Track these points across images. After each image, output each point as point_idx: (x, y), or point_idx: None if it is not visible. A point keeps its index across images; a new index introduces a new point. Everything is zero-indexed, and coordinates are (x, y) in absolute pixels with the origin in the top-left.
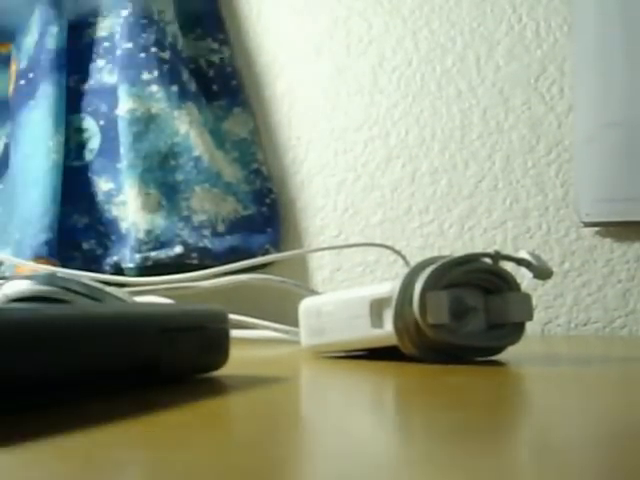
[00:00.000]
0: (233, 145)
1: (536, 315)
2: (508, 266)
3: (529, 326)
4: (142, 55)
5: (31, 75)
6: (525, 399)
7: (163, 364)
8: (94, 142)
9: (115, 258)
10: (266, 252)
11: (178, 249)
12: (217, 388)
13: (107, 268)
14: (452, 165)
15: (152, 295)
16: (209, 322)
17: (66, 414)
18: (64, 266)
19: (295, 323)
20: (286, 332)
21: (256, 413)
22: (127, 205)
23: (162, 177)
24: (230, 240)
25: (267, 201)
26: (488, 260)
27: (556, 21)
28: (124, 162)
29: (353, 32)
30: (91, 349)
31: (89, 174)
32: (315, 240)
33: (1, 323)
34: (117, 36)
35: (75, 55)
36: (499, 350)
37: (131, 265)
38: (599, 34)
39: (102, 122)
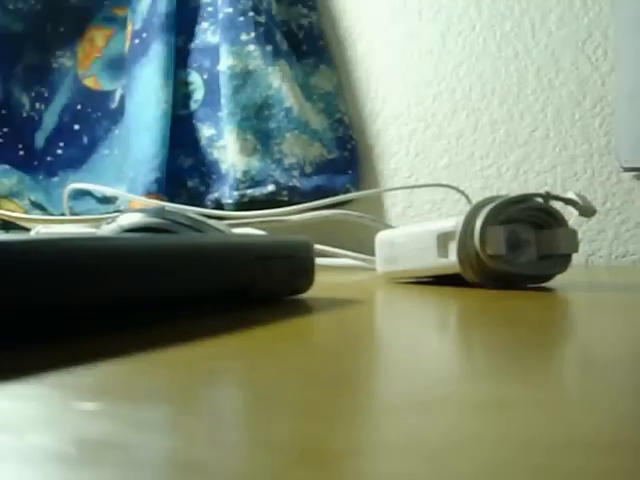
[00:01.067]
0: (320, 97)
1: (581, 248)
2: (557, 205)
3: (575, 257)
4: (241, 18)
5: (145, 35)
6: (571, 320)
7: (258, 287)
8: (199, 94)
9: (216, 195)
10: (347, 191)
11: (271, 187)
12: (304, 308)
13: (209, 203)
14: (509, 116)
15: (248, 227)
16: (297, 251)
17: (169, 331)
18: (171, 201)
19: (371, 253)
20: (363, 260)
21: (337, 329)
22: (227, 149)
23: (257, 125)
24: (316, 180)
25: (348, 146)
26: (540, 199)
27: None
28: (224, 111)
29: (424, 0)
30: (197, 273)
31: (194, 121)
32: (390, 181)
33: (118, 249)
34: (219, 1)
35: (183, 18)
36: (549, 278)
37: (230, 201)
38: (639, 3)
39: (205, 76)
